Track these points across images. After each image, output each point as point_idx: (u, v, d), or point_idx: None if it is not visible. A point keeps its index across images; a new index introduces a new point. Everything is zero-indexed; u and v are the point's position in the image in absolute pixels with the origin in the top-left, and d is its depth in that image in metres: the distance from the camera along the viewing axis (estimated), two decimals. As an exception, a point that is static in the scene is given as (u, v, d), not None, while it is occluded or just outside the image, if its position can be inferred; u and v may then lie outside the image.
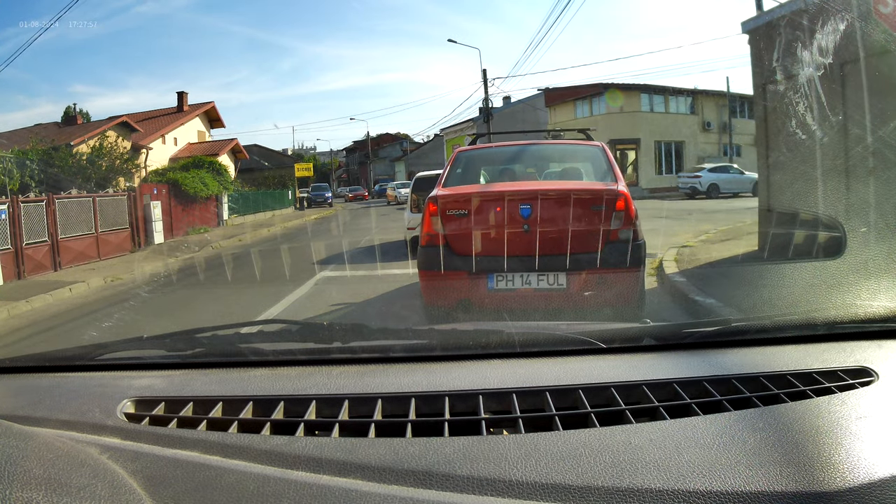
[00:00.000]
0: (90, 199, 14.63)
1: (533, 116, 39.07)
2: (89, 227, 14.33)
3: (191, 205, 20.62)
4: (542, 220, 4.19)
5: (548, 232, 4.17)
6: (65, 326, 7.72)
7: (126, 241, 15.79)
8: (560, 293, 4.16)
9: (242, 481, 0.85)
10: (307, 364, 1.37)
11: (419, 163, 46.32)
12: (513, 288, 4.22)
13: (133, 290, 10.05)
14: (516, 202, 4.25)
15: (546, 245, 4.14)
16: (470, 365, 1.31)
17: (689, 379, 1.16)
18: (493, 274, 4.21)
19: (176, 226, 19.22)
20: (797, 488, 0.78)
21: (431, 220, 4.42)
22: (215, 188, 22.18)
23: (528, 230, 4.17)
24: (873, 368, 1.16)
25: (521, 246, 4.15)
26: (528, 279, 4.19)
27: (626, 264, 4.08)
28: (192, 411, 1.14)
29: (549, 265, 4.13)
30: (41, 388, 1.29)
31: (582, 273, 4.13)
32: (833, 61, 6.57)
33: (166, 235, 17.96)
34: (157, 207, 17.13)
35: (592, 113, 32.57)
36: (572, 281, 4.14)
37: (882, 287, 2.63)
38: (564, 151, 5.93)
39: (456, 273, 4.27)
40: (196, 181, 20.68)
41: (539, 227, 4.16)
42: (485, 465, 0.87)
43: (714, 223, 12.50)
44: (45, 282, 11.07)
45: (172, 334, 1.57)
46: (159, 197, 17.91)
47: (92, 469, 0.83)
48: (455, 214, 4.36)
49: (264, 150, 46.74)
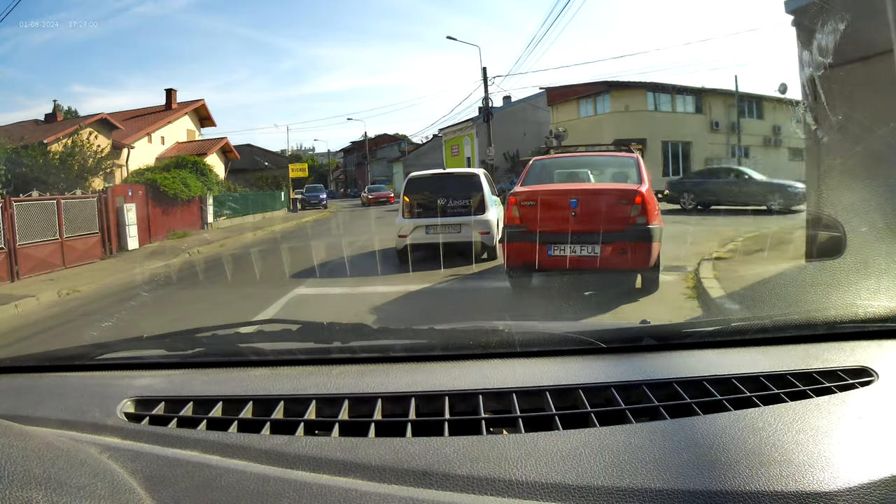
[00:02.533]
0: (54, 201, 13.38)
1: (534, 116, 37.96)
2: (53, 233, 13.08)
3: (171, 207, 19.27)
4: (585, 209, 6.18)
5: (588, 217, 6.08)
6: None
7: (95, 247, 14.50)
8: (595, 258, 6.06)
9: (242, 481, 0.85)
10: (307, 364, 1.37)
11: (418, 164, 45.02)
12: (564, 254, 6.18)
13: (85, 306, 9.04)
14: (567, 196, 6.35)
15: (587, 225, 6.02)
16: (470, 365, 1.31)
17: (689, 379, 1.16)
18: (552, 245, 6.22)
19: (155, 229, 17.91)
20: (797, 488, 0.78)
21: (512, 208, 6.60)
22: (198, 189, 20.88)
23: (575, 216, 6.14)
24: (873, 368, 1.15)
25: (570, 226, 6.04)
26: (574, 248, 6.15)
27: (641, 240, 5.99)
28: (191, 411, 1.13)
29: (589, 239, 6.04)
30: (41, 388, 1.30)
31: (610, 245, 6.01)
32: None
33: (143, 240, 16.67)
34: (131, 210, 15.80)
35: (597, 112, 31.26)
36: (604, 250, 6.02)
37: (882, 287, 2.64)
38: (607, 161, 8.26)
39: (528, 244, 6.24)
40: (176, 182, 19.39)
41: (582, 213, 6.15)
42: (485, 465, 0.87)
43: (735, 227, 11.63)
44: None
45: (172, 334, 1.56)
46: (135, 199, 16.55)
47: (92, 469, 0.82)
48: (527, 204, 6.50)
49: (258, 150, 45.43)
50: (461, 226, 9.74)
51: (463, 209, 9.86)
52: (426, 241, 9.83)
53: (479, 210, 9.84)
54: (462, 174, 10.77)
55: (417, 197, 10.12)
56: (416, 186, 10.30)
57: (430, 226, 9.84)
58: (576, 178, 7.46)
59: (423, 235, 9.84)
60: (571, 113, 32.80)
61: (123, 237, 15.57)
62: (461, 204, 9.87)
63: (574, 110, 32.69)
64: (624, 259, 6.04)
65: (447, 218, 9.76)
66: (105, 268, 12.92)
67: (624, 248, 6.00)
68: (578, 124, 31.64)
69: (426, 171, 11.12)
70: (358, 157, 67.21)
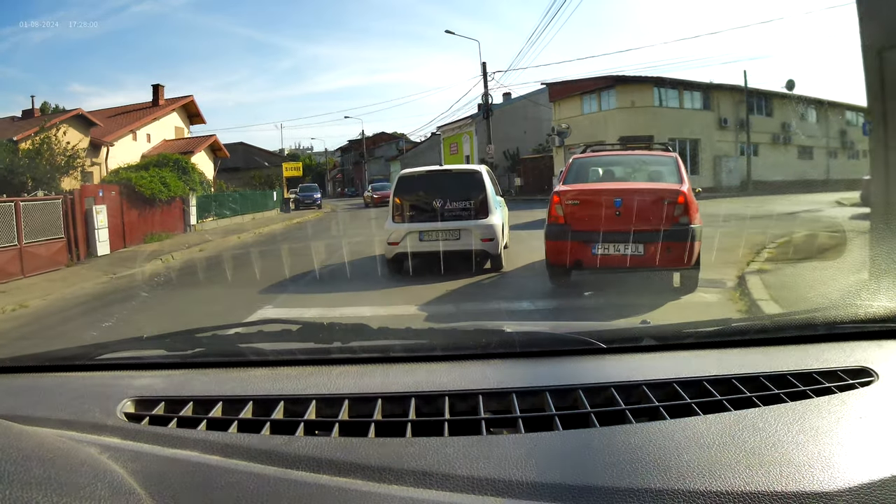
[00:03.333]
0: (11, 204, 12.22)
1: (535, 113, 36.87)
2: (10, 238, 11.92)
3: (149, 208, 18.14)
4: (628, 208, 6.25)
5: (632, 216, 6.16)
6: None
7: (61, 253, 13.32)
8: (639, 257, 6.22)
9: (242, 481, 0.84)
10: (307, 364, 1.37)
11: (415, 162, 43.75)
12: (608, 253, 6.27)
13: (25, 326, 7.92)
14: (611, 195, 6.45)
15: (630, 224, 6.13)
16: (470, 365, 1.31)
17: (689, 379, 1.16)
18: (596, 243, 6.28)
19: (130, 233, 16.72)
20: (797, 488, 0.78)
21: (556, 207, 6.66)
22: (180, 189, 19.69)
23: (619, 215, 6.24)
24: (873, 368, 1.15)
25: (614, 225, 6.19)
26: (618, 247, 6.26)
27: (683, 239, 6.10)
28: (191, 411, 1.13)
29: (633, 238, 6.16)
30: (41, 388, 1.30)
31: (653, 244, 6.10)
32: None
33: (116, 244, 15.49)
34: (101, 213, 14.56)
35: (601, 108, 30.01)
36: (647, 249, 6.18)
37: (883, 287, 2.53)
38: (647, 160, 7.96)
39: (572, 242, 6.38)
40: (155, 181, 18.20)
41: (626, 212, 6.22)
42: (485, 465, 0.87)
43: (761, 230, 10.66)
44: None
45: (172, 334, 1.56)
46: (106, 200, 15.33)
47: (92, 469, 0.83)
48: (571, 203, 6.63)
49: (251, 149, 44.22)
50: (460, 231, 8.50)
51: (463, 212, 8.63)
52: (420, 249, 8.55)
53: (481, 213, 8.60)
54: (461, 171, 9.47)
55: (410, 198, 8.87)
56: (408, 186, 9.02)
57: (425, 232, 8.57)
58: (618, 177, 7.57)
59: (416, 243, 8.53)
60: (574, 109, 31.56)
61: (93, 242, 14.38)
62: (460, 206, 8.64)
63: (577, 106, 31.41)
64: (667, 258, 6.07)
65: (444, 222, 8.54)
66: (66, 277, 11.78)
67: (667, 246, 6.04)
68: (581, 121, 30.48)
69: (420, 168, 9.76)
70: (355, 156, 66.46)
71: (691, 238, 6.08)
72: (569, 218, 6.51)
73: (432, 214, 8.61)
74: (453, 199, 8.64)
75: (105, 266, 12.80)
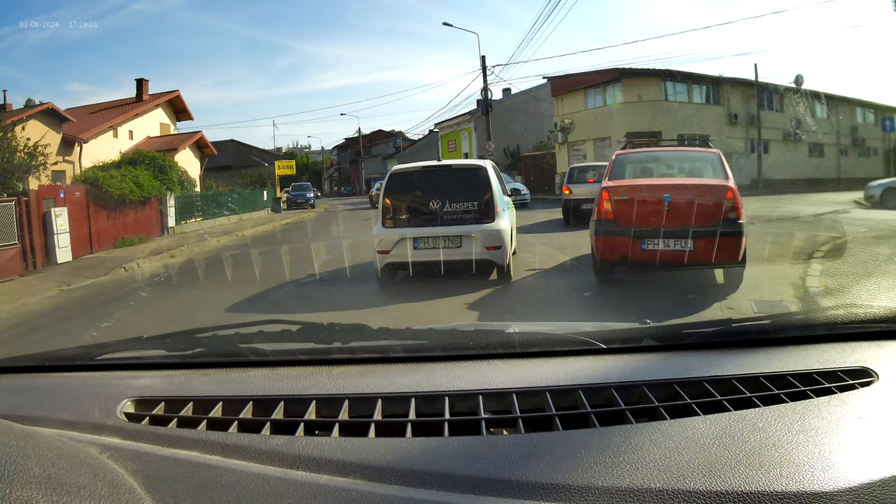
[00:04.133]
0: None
1: (536, 109, 35.63)
2: (-48, 246, 10.61)
3: (120, 210, 16.61)
4: (678, 203, 6.28)
5: (681, 211, 6.20)
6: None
7: (14, 261, 11.95)
8: (689, 252, 6.17)
9: (242, 481, 0.85)
10: (307, 364, 1.37)
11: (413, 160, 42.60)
12: (658, 248, 6.27)
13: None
14: (661, 191, 6.46)
15: (680, 220, 6.17)
16: (470, 365, 1.31)
17: (689, 379, 1.16)
18: (646, 239, 6.32)
19: (99, 238, 15.23)
20: (797, 488, 0.78)
21: (605, 203, 6.63)
22: (154, 189, 18.24)
23: (669, 210, 6.25)
24: (873, 369, 1.15)
25: (664, 220, 6.21)
26: (668, 243, 6.23)
27: (733, 235, 6.10)
28: (192, 411, 1.13)
29: (682, 234, 6.15)
30: (41, 388, 1.30)
31: (702, 239, 6.12)
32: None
33: (81, 251, 14.10)
34: (60, 216, 13.16)
35: (606, 103, 28.72)
36: (696, 244, 6.16)
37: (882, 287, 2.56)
38: (691, 156, 8.37)
39: (622, 238, 6.39)
40: (125, 181, 16.66)
41: (676, 208, 6.25)
42: (485, 465, 0.86)
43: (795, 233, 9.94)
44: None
45: (172, 334, 1.56)
46: (70, 202, 13.95)
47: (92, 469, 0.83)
48: (621, 199, 6.59)
49: (243, 146, 42.83)
50: (462, 238, 7.29)
51: (465, 215, 7.39)
52: (415, 258, 7.36)
53: (486, 216, 7.36)
54: (463, 168, 8.15)
55: (403, 198, 7.61)
56: (400, 184, 7.73)
57: (420, 238, 7.35)
58: (664, 172, 7.67)
59: (410, 252, 7.33)
60: (578, 104, 30.30)
61: (52, 249, 12.99)
62: (462, 208, 7.41)
63: (581, 101, 30.13)
64: (716, 254, 6.07)
65: (443, 227, 7.34)
66: (14, 289, 10.41)
67: (717, 242, 6.03)
68: (585, 116, 29.25)
69: (414, 164, 8.38)
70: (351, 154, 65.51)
71: (740, 233, 6.13)
72: (618, 214, 6.50)
73: (429, 218, 7.41)
74: (454, 199, 7.42)
75: (61, 276, 11.46)
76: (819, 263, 7.39)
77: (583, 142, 30.00)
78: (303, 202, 35.10)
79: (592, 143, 29.29)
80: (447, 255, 7.25)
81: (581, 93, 30.09)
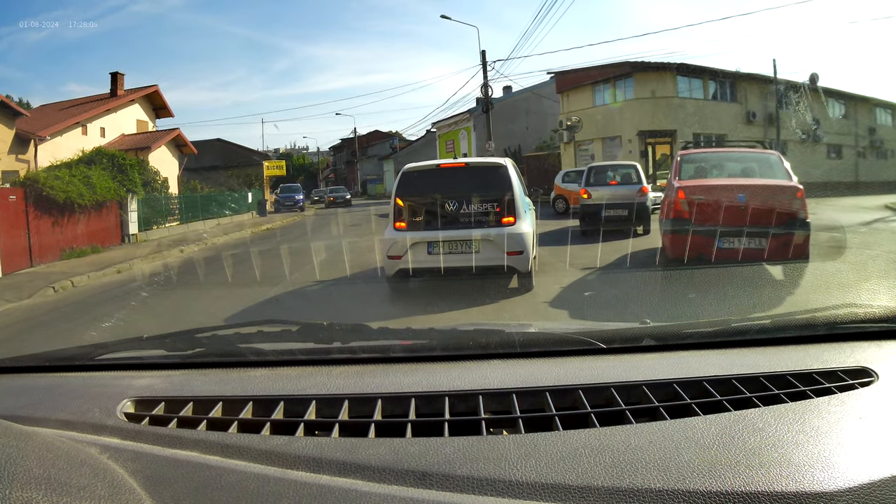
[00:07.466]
0: None
1: (538, 107, 33.87)
2: None
3: (70, 216, 14.53)
4: (753, 203, 6.61)
5: (756, 211, 6.54)
6: None
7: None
8: (762, 250, 6.56)
9: (242, 481, 0.84)
10: (307, 364, 1.37)
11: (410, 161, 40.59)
12: (733, 247, 6.58)
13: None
14: (735, 191, 6.80)
15: (754, 219, 6.51)
16: (470, 365, 1.31)
17: (689, 379, 1.16)
18: (721, 237, 6.55)
19: (41, 249, 13.15)
20: (797, 488, 0.78)
21: (681, 202, 6.95)
22: (110, 191, 16.07)
23: (742, 209, 6.57)
24: (873, 369, 1.15)
25: (738, 219, 6.52)
26: (743, 241, 6.53)
27: (802, 232, 6.53)
28: (192, 411, 1.13)
29: (756, 232, 6.49)
30: (41, 388, 1.29)
31: (775, 237, 6.45)
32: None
33: (15, 264, 12.11)
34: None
35: (616, 99, 26.78)
36: (770, 242, 6.49)
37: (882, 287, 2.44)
38: (753, 157, 8.53)
39: (697, 237, 6.63)
40: (74, 182, 14.50)
41: (749, 207, 6.57)
42: (485, 465, 0.87)
43: (858, 249, 9.02)
44: None
45: (172, 334, 1.56)
46: (2, 207, 12.07)
47: (92, 469, 0.83)
48: (696, 199, 6.86)
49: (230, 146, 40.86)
50: (481, 242, 6.73)
51: (483, 217, 6.85)
52: (429, 265, 6.82)
53: (507, 218, 6.82)
54: (481, 166, 7.56)
55: (416, 199, 7.07)
56: (413, 184, 7.13)
57: (435, 242, 6.79)
58: (731, 173, 7.93)
59: (424, 257, 6.79)
60: (585, 101, 28.42)
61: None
62: (481, 210, 6.87)
63: (588, 98, 28.25)
64: (787, 251, 6.35)
65: (460, 230, 6.79)
66: None
67: (788, 240, 6.34)
68: (593, 114, 27.39)
69: (429, 162, 7.93)
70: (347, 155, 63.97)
71: (808, 232, 6.59)
72: (693, 213, 6.73)
73: (445, 220, 6.89)
74: (472, 200, 6.89)
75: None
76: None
77: (590, 141, 28.38)
78: (291, 205, 33.11)
79: (601, 142, 27.66)
80: (465, 260, 6.73)
81: (588, 89, 28.14)
